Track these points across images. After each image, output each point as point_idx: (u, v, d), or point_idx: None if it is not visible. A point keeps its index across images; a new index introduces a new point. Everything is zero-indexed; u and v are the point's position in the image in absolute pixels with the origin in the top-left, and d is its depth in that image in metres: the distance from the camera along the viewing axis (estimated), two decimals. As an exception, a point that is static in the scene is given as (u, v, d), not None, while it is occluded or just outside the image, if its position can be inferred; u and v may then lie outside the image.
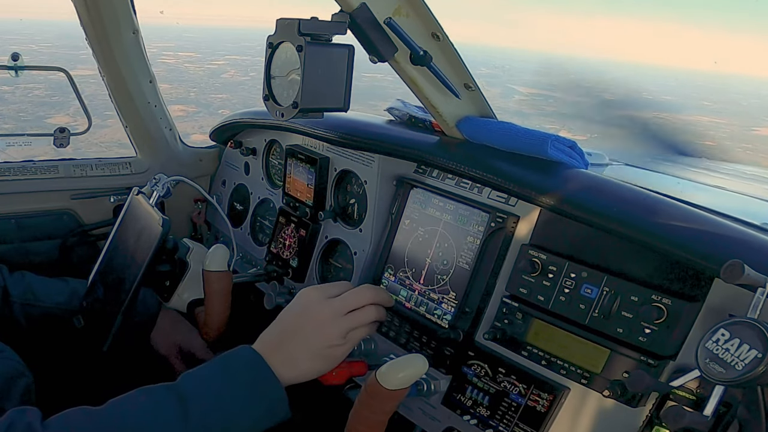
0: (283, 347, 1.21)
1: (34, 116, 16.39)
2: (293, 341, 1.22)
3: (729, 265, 0.87)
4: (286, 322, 1.26)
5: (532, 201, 1.26)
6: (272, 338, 1.24)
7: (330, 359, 1.25)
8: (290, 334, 1.23)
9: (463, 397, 1.32)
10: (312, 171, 1.76)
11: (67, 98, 16.76)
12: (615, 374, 1.12)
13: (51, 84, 18.37)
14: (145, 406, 1.08)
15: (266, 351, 1.19)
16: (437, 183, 1.49)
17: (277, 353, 1.19)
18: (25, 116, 16.55)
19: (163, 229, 1.55)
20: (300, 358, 1.21)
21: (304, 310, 1.26)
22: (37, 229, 2.05)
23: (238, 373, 1.15)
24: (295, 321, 1.25)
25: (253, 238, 2.09)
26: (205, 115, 17.49)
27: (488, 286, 1.34)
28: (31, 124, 15.31)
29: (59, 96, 17.49)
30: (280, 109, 1.13)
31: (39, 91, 19.13)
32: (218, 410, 1.10)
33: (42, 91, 19.08)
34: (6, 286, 1.66)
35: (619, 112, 2.68)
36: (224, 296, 1.61)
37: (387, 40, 1.17)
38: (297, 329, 1.23)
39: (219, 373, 1.15)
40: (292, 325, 1.25)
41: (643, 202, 1.15)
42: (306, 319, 1.24)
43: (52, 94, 18.36)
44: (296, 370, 1.20)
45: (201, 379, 1.14)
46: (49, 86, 18.68)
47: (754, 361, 0.84)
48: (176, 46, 43.70)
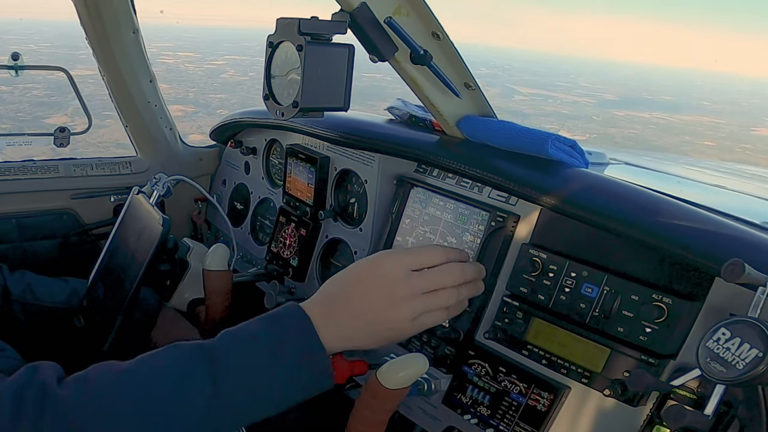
0: (337, 314, 1.06)
1: (32, 116, 16.37)
2: (351, 310, 1.07)
3: (730, 264, 0.87)
4: (348, 284, 1.10)
5: (533, 200, 1.26)
6: (329, 300, 1.08)
7: (388, 339, 1.10)
8: (349, 300, 1.07)
9: (464, 397, 1.32)
10: (312, 170, 1.76)
11: (65, 98, 16.76)
12: (615, 373, 1.12)
13: (50, 84, 18.35)
14: (172, 365, 0.98)
15: (317, 314, 1.04)
16: (438, 182, 1.49)
17: (330, 318, 1.05)
18: (23, 116, 16.53)
19: (164, 228, 1.55)
20: (354, 332, 1.06)
21: (375, 276, 1.09)
22: (37, 228, 2.05)
23: (281, 338, 1.01)
24: (359, 287, 1.09)
25: (253, 237, 2.09)
26: (203, 115, 17.46)
27: (489, 285, 1.33)
28: (29, 124, 15.28)
29: (58, 96, 17.47)
30: (280, 109, 1.13)
31: (37, 91, 19.11)
32: (253, 375, 0.98)
33: (40, 91, 19.06)
34: (6, 286, 1.66)
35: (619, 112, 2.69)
36: (224, 295, 1.61)
37: (387, 39, 1.17)
38: (360, 297, 1.08)
39: (259, 336, 1.01)
40: (355, 290, 1.09)
41: (643, 201, 1.15)
42: (373, 289, 1.08)
43: (50, 94, 18.34)
44: (345, 342, 1.06)
45: (237, 343, 1.01)
46: (47, 86, 18.66)
47: (754, 360, 0.83)
48: (176, 46, 43.72)
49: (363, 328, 1.08)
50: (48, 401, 0.92)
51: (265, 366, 1.00)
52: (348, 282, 1.11)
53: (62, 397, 0.93)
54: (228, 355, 0.99)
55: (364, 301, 1.08)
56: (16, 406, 0.91)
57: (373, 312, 1.08)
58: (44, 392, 0.93)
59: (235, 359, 0.99)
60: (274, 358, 1.00)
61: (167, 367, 0.98)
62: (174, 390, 0.96)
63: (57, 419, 0.91)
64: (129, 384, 0.96)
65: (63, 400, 0.93)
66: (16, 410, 0.90)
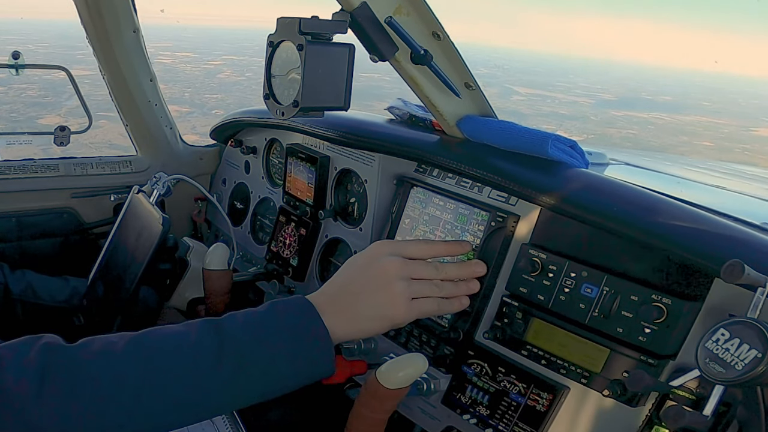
0: (339, 300, 1.12)
1: (25, 116, 16.29)
2: (353, 295, 1.12)
3: (729, 264, 0.87)
4: (348, 275, 1.16)
5: (533, 200, 1.26)
6: (330, 289, 1.14)
7: (391, 320, 1.13)
8: (350, 286, 1.13)
9: (463, 397, 1.32)
10: (312, 170, 1.76)
11: (59, 99, 16.72)
12: (615, 374, 1.12)
13: (45, 84, 18.32)
14: (181, 334, 1.00)
15: (320, 301, 1.09)
16: (437, 182, 1.49)
17: (332, 305, 1.10)
18: (16, 117, 16.46)
19: (164, 227, 1.55)
20: (356, 315, 1.11)
21: (370, 261, 1.15)
22: (37, 227, 2.05)
23: (284, 315, 1.06)
24: (358, 273, 1.15)
25: (253, 236, 2.10)
26: (198, 116, 17.40)
27: (488, 285, 1.34)
28: (22, 124, 15.24)
29: (52, 96, 17.45)
30: (281, 108, 1.13)
31: (32, 92, 19.07)
32: (255, 350, 1.01)
33: (35, 91, 19.02)
34: (7, 284, 1.66)
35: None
36: (224, 295, 1.62)
37: (388, 39, 1.18)
38: (359, 282, 1.13)
39: (263, 314, 1.06)
40: (354, 277, 1.15)
41: (643, 202, 1.15)
42: (371, 272, 1.13)
43: (45, 94, 18.31)
44: (349, 326, 1.10)
45: (243, 317, 1.05)
46: (42, 86, 18.62)
47: (753, 360, 0.84)
48: (174, 46, 43.65)
49: (363, 311, 1.11)
50: (54, 351, 0.93)
51: (268, 339, 1.02)
52: (347, 272, 1.15)
53: (70, 348, 0.94)
54: (233, 328, 1.02)
55: (362, 285, 1.12)
56: (22, 355, 0.91)
57: (371, 293, 1.12)
58: (49, 345, 0.93)
59: (239, 333, 1.01)
60: (278, 332, 1.03)
61: (177, 331, 1.01)
62: (182, 350, 0.98)
63: (64, 369, 0.91)
64: (139, 343, 0.98)
65: (70, 350, 0.94)
66: (23, 359, 0.90)
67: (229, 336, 1.01)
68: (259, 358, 1.01)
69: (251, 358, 1.01)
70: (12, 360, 0.91)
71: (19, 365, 0.90)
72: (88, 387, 0.92)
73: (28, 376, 0.89)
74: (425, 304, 1.15)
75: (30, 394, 0.88)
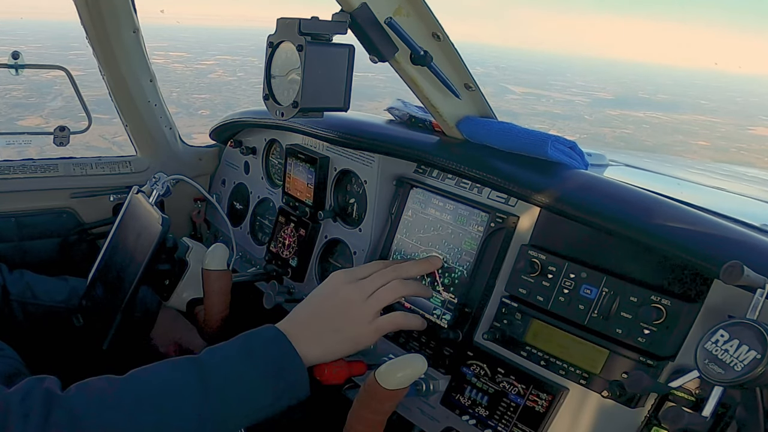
0: (309, 327, 1.23)
1: (6, 118, 16.15)
2: (319, 321, 1.24)
3: (728, 266, 0.87)
4: (313, 303, 1.28)
5: (532, 201, 1.26)
6: (298, 317, 1.25)
7: (356, 341, 1.26)
8: (317, 315, 1.25)
9: (462, 397, 1.33)
10: (312, 170, 1.76)
11: (43, 100, 16.61)
12: (614, 375, 1.12)
13: (30, 86, 18.25)
14: (166, 375, 1.09)
15: (291, 329, 1.20)
16: (437, 183, 1.49)
17: (303, 332, 1.20)
18: (-4, 117, 16.37)
19: (163, 227, 1.55)
20: (325, 338, 1.22)
21: (332, 291, 1.28)
22: (36, 227, 2.05)
23: (259, 348, 1.16)
24: (322, 302, 1.27)
25: (252, 237, 2.09)
26: (183, 116, 17.33)
27: (488, 286, 1.34)
28: (1, 126, 15.19)
29: (36, 98, 17.36)
30: (280, 109, 1.13)
31: (17, 93, 18.95)
32: (237, 384, 1.11)
33: (20, 92, 18.90)
34: (5, 285, 1.66)
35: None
36: (223, 295, 1.61)
37: (387, 39, 1.18)
38: (324, 310, 1.25)
39: (239, 348, 1.15)
40: (319, 306, 1.27)
41: (642, 203, 1.15)
42: (333, 301, 1.27)
43: (29, 95, 18.21)
44: (320, 349, 1.21)
45: (222, 352, 1.15)
46: (27, 87, 18.53)
47: (753, 362, 0.84)
48: (169, 46, 43.51)
49: (331, 331, 1.23)
50: (54, 402, 1.00)
51: (244, 373, 1.12)
52: (313, 301, 1.29)
53: (67, 398, 1.02)
54: (214, 365, 1.12)
55: (327, 312, 1.25)
56: (25, 406, 0.98)
57: (336, 319, 1.25)
58: (50, 395, 1.01)
59: (221, 369, 1.11)
60: (255, 367, 1.13)
61: (162, 373, 1.10)
62: (168, 391, 1.07)
63: (62, 419, 0.99)
64: (127, 387, 1.07)
65: (68, 400, 1.01)
66: (25, 410, 0.97)
67: (213, 374, 1.10)
68: (241, 393, 1.11)
69: (234, 393, 1.10)
70: (16, 414, 0.98)
71: (23, 418, 0.98)
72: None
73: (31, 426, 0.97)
74: (391, 319, 1.29)
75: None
